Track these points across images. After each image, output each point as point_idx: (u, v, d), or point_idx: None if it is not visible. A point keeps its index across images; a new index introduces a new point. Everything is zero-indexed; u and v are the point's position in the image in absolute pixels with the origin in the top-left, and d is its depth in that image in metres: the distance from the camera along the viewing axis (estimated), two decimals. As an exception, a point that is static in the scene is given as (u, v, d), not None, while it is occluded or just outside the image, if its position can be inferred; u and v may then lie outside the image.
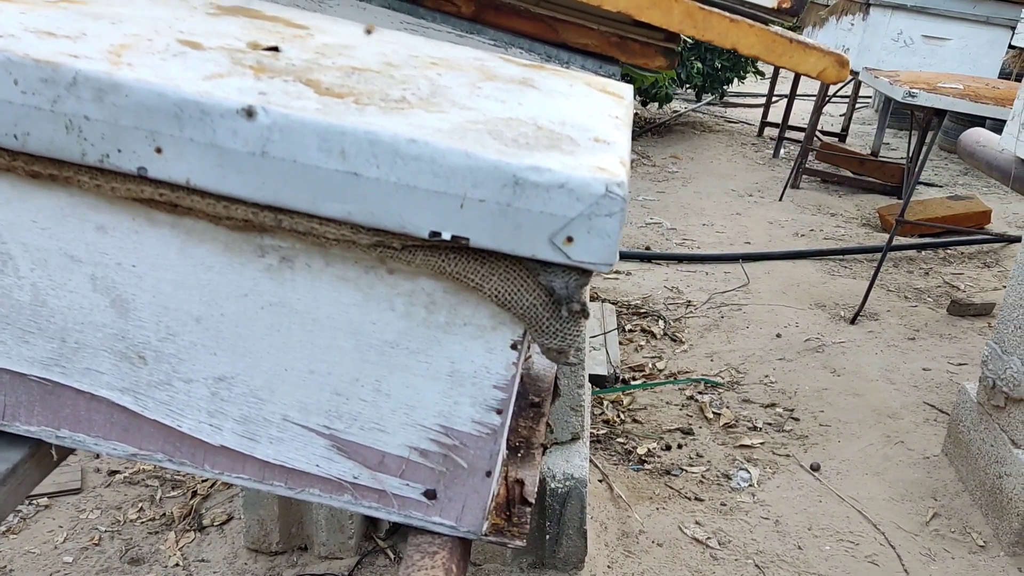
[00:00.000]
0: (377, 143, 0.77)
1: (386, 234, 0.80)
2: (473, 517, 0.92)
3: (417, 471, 0.91)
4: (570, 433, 2.14)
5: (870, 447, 2.81)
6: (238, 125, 0.76)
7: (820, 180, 6.20)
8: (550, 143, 0.84)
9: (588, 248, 0.78)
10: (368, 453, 0.91)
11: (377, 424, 0.90)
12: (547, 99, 1.01)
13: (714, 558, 2.23)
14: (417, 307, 0.85)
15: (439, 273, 0.82)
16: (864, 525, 2.42)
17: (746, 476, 2.59)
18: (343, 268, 0.84)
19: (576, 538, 2.09)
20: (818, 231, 5.05)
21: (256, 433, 0.91)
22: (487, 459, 0.90)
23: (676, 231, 4.81)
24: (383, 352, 0.87)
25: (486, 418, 0.88)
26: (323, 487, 0.93)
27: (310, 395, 0.89)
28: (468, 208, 0.78)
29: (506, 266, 0.81)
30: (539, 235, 0.78)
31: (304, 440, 0.91)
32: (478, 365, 0.86)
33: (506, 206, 0.77)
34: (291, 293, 0.85)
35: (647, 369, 3.22)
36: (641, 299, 3.84)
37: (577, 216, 0.77)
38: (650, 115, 7.91)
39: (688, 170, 6.16)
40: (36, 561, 2.11)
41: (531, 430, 1.13)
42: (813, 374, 3.28)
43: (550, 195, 0.77)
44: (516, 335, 0.85)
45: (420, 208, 0.78)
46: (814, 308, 3.90)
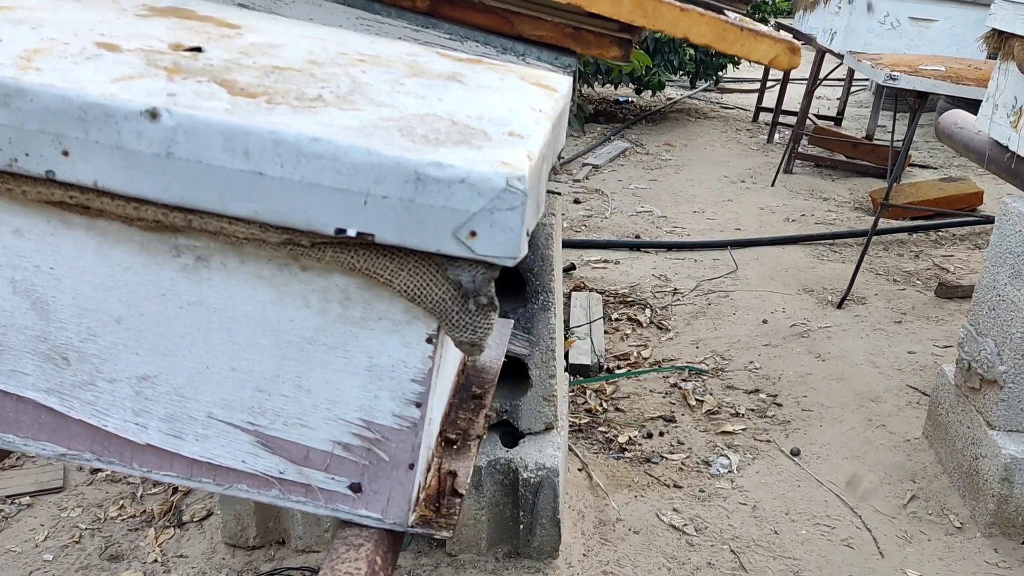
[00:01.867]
0: (281, 142, 0.78)
1: (294, 232, 0.81)
2: (398, 509, 0.93)
3: (342, 465, 0.92)
4: (543, 423, 2.15)
5: (851, 431, 2.82)
6: (142, 127, 0.77)
7: (813, 165, 6.18)
8: (461, 138, 0.85)
9: (492, 242, 0.79)
10: (293, 448, 0.92)
11: (300, 419, 0.91)
12: (471, 94, 1.01)
13: (690, 544, 2.24)
14: (332, 303, 0.86)
15: (349, 269, 0.83)
16: (842, 509, 2.42)
17: (725, 462, 2.60)
18: (258, 266, 0.85)
19: (550, 527, 2.11)
20: (809, 216, 5.04)
21: (181, 431, 0.92)
22: (409, 452, 0.91)
23: (667, 219, 4.81)
24: (301, 348, 0.88)
25: (406, 411, 0.89)
26: (250, 483, 0.94)
27: (233, 392, 0.90)
28: (372, 205, 0.79)
29: (415, 261, 0.82)
30: (443, 230, 0.79)
31: (229, 437, 0.92)
32: (395, 359, 0.87)
33: (409, 202, 0.78)
34: (208, 292, 0.86)
35: (632, 358, 3.23)
36: (628, 288, 3.84)
37: (479, 211, 0.78)
38: (645, 103, 7.89)
39: (681, 157, 6.15)
40: (17, 560, 2.13)
41: (470, 422, 1.14)
42: (798, 359, 3.28)
43: (452, 190, 0.78)
44: (431, 329, 0.86)
45: (325, 206, 0.79)
46: (801, 293, 3.90)
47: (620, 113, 7.51)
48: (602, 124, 7.04)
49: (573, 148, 6.11)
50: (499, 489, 2.11)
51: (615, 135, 6.61)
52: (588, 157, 5.92)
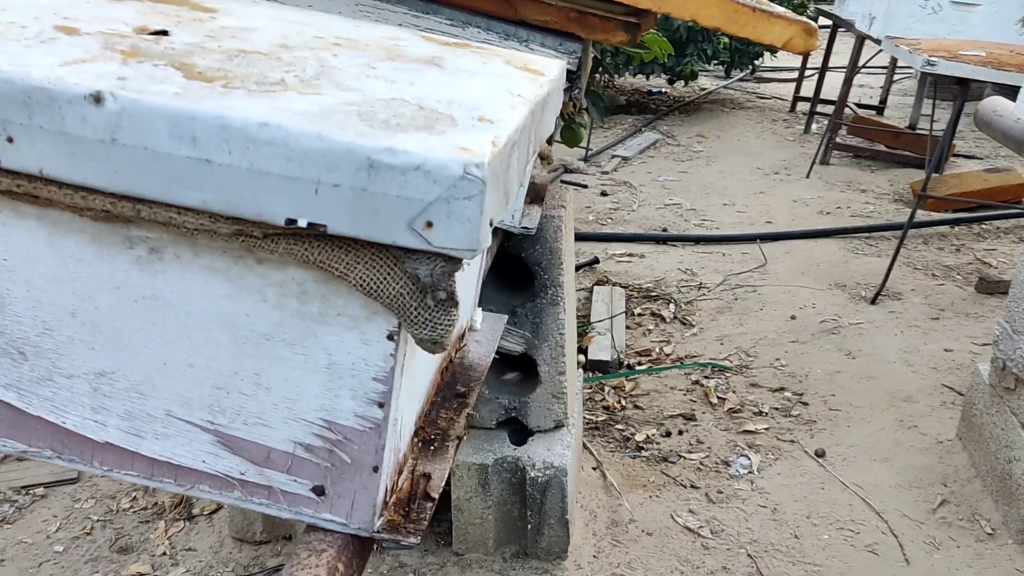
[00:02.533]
0: (228, 128, 0.74)
1: (245, 222, 0.77)
2: (363, 514, 0.89)
3: (304, 467, 0.88)
4: (553, 421, 2.10)
5: (880, 432, 2.73)
6: (86, 111, 0.74)
7: (852, 155, 6.04)
8: (424, 123, 0.80)
9: (449, 233, 0.74)
10: (253, 448, 0.88)
11: (260, 418, 0.87)
12: (447, 78, 0.97)
13: (705, 547, 2.18)
14: (289, 297, 0.82)
15: (303, 262, 0.79)
16: (867, 513, 2.34)
17: (746, 463, 2.53)
18: (212, 259, 0.82)
19: (558, 528, 2.06)
20: (845, 209, 4.92)
21: (141, 429, 0.89)
22: (372, 454, 0.87)
23: (695, 212, 4.72)
24: (259, 344, 0.84)
25: (368, 412, 0.85)
26: (212, 483, 0.90)
27: (191, 389, 0.87)
28: (323, 193, 0.74)
29: (371, 254, 0.78)
30: (398, 220, 0.75)
31: (189, 436, 0.89)
32: (355, 357, 0.83)
33: (361, 191, 0.74)
34: (163, 285, 0.83)
35: (654, 354, 3.16)
36: (653, 282, 3.77)
37: (435, 200, 0.74)
38: (678, 94, 7.77)
39: (713, 149, 6.04)
40: (28, 551, 2.14)
41: (450, 421, 1.09)
42: (827, 357, 3.19)
43: (406, 178, 0.73)
44: (392, 326, 0.82)
45: (275, 195, 0.75)
46: (833, 288, 3.80)
47: (652, 104, 7.40)
48: (633, 115, 6.95)
49: (602, 140, 6.03)
50: (506, 488, 2.07)
51: (646, 126, 6.52)
52: (617, 149, 5.84)
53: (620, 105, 7.20)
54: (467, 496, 2.06)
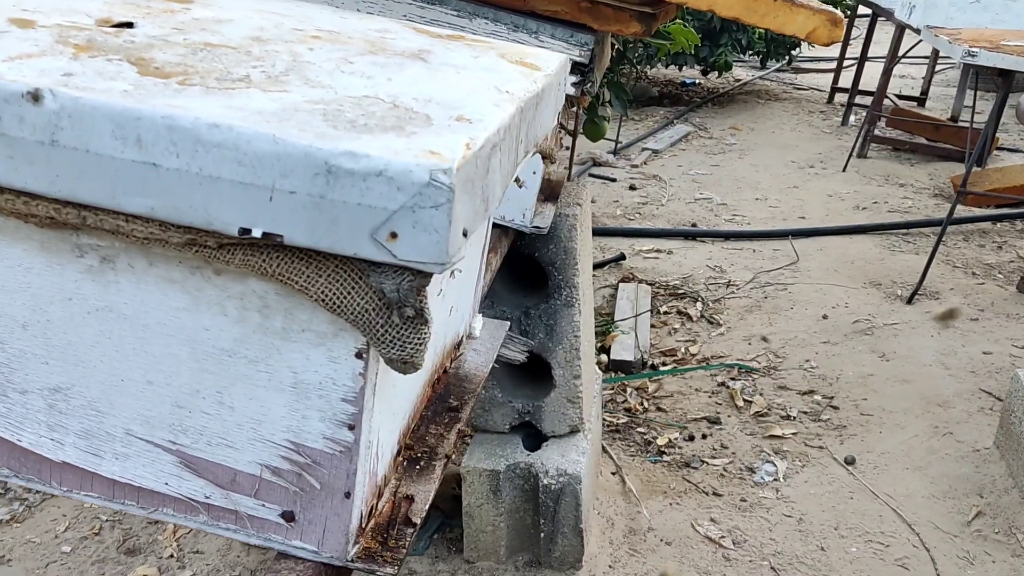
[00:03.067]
0: (176, 129, 0.68)
1: (197, 232, 0.71)
2: (335, 541, 0.83)
3: (272, 491, 0.82)
4: (568, 426, 2.03)
5: (914, 439, 2.62)
6: (24, 111, 0.68)
7: (891, 148, 5.87)
8: (395, 123, 0.74)
9: (415, 245, 0.68)
10: (218, 471, 0.83)
11: (224, 439, 0.81)
12: (430, 74, 0.90)
13: (726, 559, 2.10)
14: (250, 311, 0.76)
15: (262, 274, 0.72)
16: (898, 525, 2.24)
17: (771, 470, 2.44)
18: (167, 269, 0.76)
19: (572, 537, 1.99)
20: (882, 204, 4.77)
21: (100, 448, 0.84)
22: (344, 479, 0.81)
23: (726, 206, 4.61)
24: (221, 361, 0.78)
25: (338, 434, 0.79)
26: (176, 507, 0.85)
27: (151, 407, 0.81)
28: (278, 201, 0.68)
29: (334, 266, 0.72)
30: (359, 231, 0.68)
31: (150, 456, 0.83)
32: (323, 376, 0.77)
33: (319, 198, 0.67)
34: (117, 297, 0.77)
35: (679, 354, 3.08)
36: (681, 279, 3.68)
37: (399, 208, 0.67)
38: (712, 85, 7.63)
39: (747, 141, 5.90)
40: (35, 551, 2.12)
41: (440, 438, 1.03)
42: (859, 358, 3.08)
43: (367, 184, 0.67)
44: (360, 343, 0.76)
45: (226, 202, 0.69)
46: (868, 287, 3.67)
47: (685, 96, 7.27)
48: (665, 107, 6.83)
49: (633, 133, 5.92)
50: (519, 495, 2.00)
51: (678, 119, 6.40)
52: (648, 142, 5.73)
53: (652, 97, 7.08)
54: (478, 503, 2.00)
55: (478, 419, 2.07)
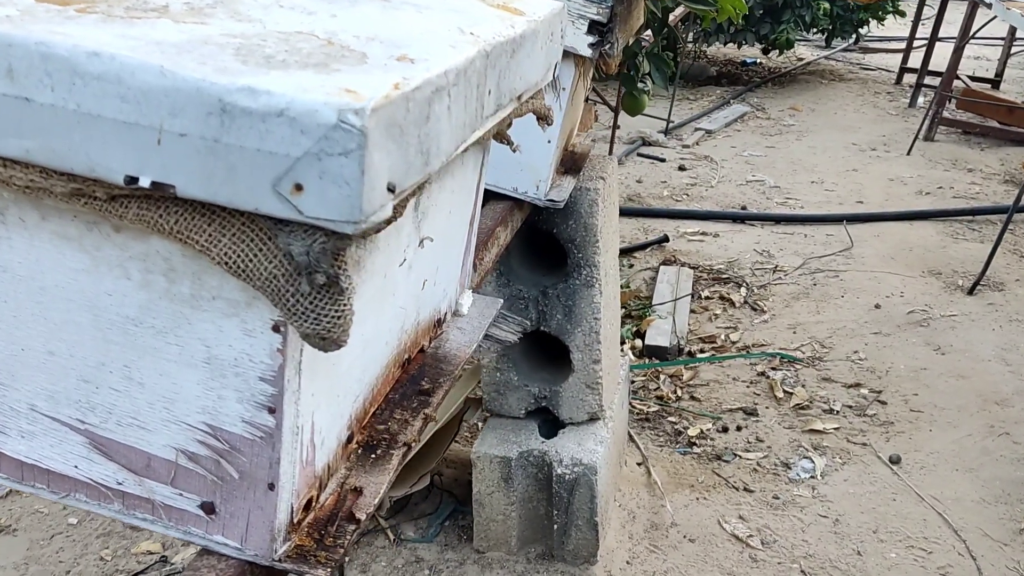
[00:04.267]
0: (50, 57, 0.58)
1: (83, 180, 0.62)
2: (259, 538, 0.74)
3: (189, 479, 0.73)
4: (586, 413, 1.92)
5: (967, 439, 2.44)
6: None
7: (960, 132, 5.58)
8: (320, 61, 0.63)
9: (323, 199, 0.57)
10: (131, 454, 0.74)
11: (135, 419, 0.73)
12: (386, 12, 0.79)
13: (753, 559, 1.97)
14: (155, 275, 0.67)
15: (159, 231, 0.63)
16: (943, 530, 2.08)
17: (809, 466, 2.29)
18: (62, 224, 0.67)
19: (586, 530, 1.88)
20: (947, 189, 4.52)
21: (4, 425, 0.76)
22: (266, 468, 0.71)
23: (779, 189, 4.41)
24: (126, 331, 0.69)
25: (257, 418, 0.70)
26: (88, 493, 0.77)
27: (55, 381, 0.73)
28: (168, 145, 0.58)
29: (239, 224, 0.62)
30: (260, 182, 0.58)
31: (58, 435, 0.75)
32: (237, 351, 0.68)
33: (214, 142, 0.58)
34: (9, 255, 0.69)
35: (718, 341, 2.93)
36: (725, 263, 3.52)
37: (303, 156, 0.57)
38: (773, 65, 7.36)
39: (806, 123, 5.67)
40: (42, 521, 2.09)
41: (403, 424, 0.92)
42: (912, 351, 2.89)
43: (267, 126, 0.56)
44: (277, 314, 0.66)
45: (110, 145, 0.59)
46: (926, 276, 3.47)
47: (744, 76, 7.02)
48: (723, 86, 6.60)
49: (686, 112, 5.73)
50: (531, 484, 1.90)
51: (735, 98, 6.17)
52: (701, 121, 5.53)
53: (709, 76, 6.86)
54: (489, 491, 1.90)
55: (492, 403, 1.97)
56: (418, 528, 2.03)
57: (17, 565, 1.94)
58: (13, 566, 1.94)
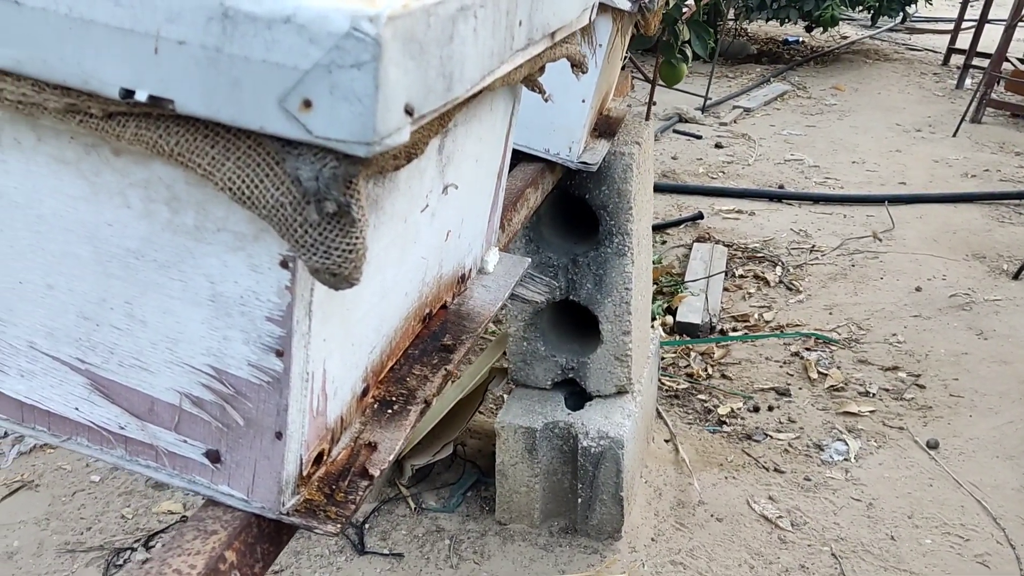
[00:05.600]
0: (42, -44, 0.54)
1: (78, 94, 0.57)
2: (266, 490, 0.70)
3: (194, 425, 0.69)
4: (614, 386, 1.87)
5: (1008, 425, 2.36)
6: None
7: (1009, 114, 5.42)
8: (336, -30, 0.58)
9: (334, 117, 0.52)
10: (133, 397, 0.70)
11: (137, 360, 0.68)
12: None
13: (782, 541, 1.91)
14: (157, 204, 0.62)
15: (159, 153, 0.58)
16: (981, 518, 2.01)
17: (842, 448, 2.22)
18: (59, 147, 0.63)
19: (611, 505, 1.83)
20: (994, 172, 4.39)
21: (3, 363, 0.72)
22: (274, 416, 0.67)
23: (819, 169, 4.30)
24: (128, 265, 0.65)
25: (264, 361, 0.65)
26: (90, 437, 0.73)
27: (54, 317, 0.69)
28: (165, 54, 0.53)
29: (245, 146, 0.57)
30: (265, 97, 0.53)
31: (58, 375, 0.71)
32: (244, 288, 0.63)
33: (216, 52, 0.53)
34: (5, 179, 0.65)
35: (751, 319, 2.86)
36: (761, 242, 3.44)
37: (313, 68, 0.51)
38: (816, 43, 7.19)
39: (849, 103, 5.53)
40: (65, 478, 2.08)
41: (422, 380, 0.88)
42: (953, 335, 2.80)
43: (273, 35, 0.51)
44: (286, 248, 0.61)
45: (104, 54, 0.54)
46: (970, 259, 3.36)
47: (787, 54, 6.87)
48: (763, 65, 6.46)
49: (725, 89, 5.62)
50: (556, 456, 1.86)
51: (775, 77, 6.04)
52: (740, 99, 5.42)
53: (750, 54, 6.72)
54: (512, 461, 1.86)
55: (518, 373, 1.92)
56: (440, 498, 1.99)
57: (38, 520, 1.93)
58: (35, 521, 1.93)
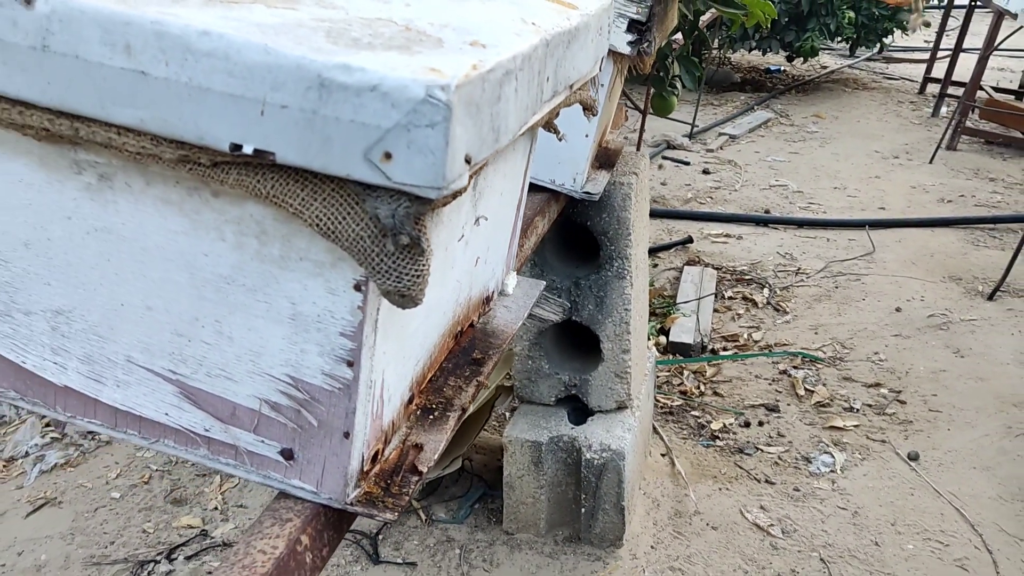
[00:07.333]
0: (165, 36, 0.65)
1: (190, 147, 0.68)
2: (334, 483, 0.80)
3: (271, 427, 0.80)
4: (615, 402, 1.98)
5: (985, 438, 2.48)
6: (17, 14, 0.66)
7: (983, 141, 5.60)
8: (402, 44, 0.70)
9: (410, 167, 0.64)
10: (218, 403, 0.81)
11: (223, 371, 0.79)
12: (454, 2, 0.86)
13: (774, 547, 2.02)
14: (248, 237, 0.73)
15: (256, 196, 0.69)
16: (960, 524, 2.12)
17: (829, 461, 2.34)
18: (165, 189, 0.73)
19: (613, 514, 1.94)
20: (969, 198, 4.55)
21: (101, 375, 0.83)
22: (343, 418, 0.78)
23: (802, 194, 4.46)
24: (219, 289, 0.76)
25: (336, 370, 0.76)
26: (176, 439, 0.83)
27: (151, 334, 0.79)
28: (270, 116, 0.65)
29: (329, 189, 0.68)
30: (352, 150, 0.64)
31: (151, 385, 0.82)
32: (321, 308, 0.74)
33: (312, 113, 0.64)
34: (115, 217, 0.76)
35: (741, 339, 2.98)
36: (748, 265, 3.57)
37: (393, 127, 0.63)
38: (797, 72, 7.39)
39: (829, 130, 5.70)
40: (86, 495, 2.17)
41: (457, 390, 0.99)
42: (931, 353, 2.93)
43: (361, 100, 0.63)
44: (358, 274, 0.72)
45: (217, 115, 0.66)
46: (946, 281, 3.50)
47: (769, 83, 7.07)
48: (747, 93, 6.64)
49: (710, 117, 5.78)
50: (561, 468, 1.96)
51: (759, 104, 6.22)
52: (726, 127, 5.59)
53: (733, 83, 6.91)
54: (519, 474, 1.96)
55: (524, 390, 2.03)
56: (449, 510, 2.09)
57: (64, 535, 2.02)
58: (60, 535, 2.02)
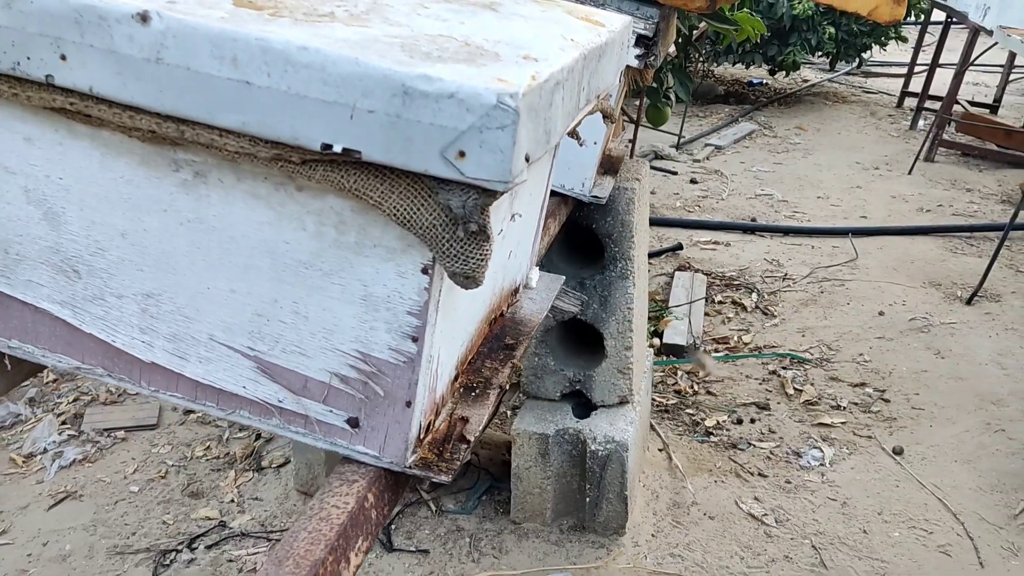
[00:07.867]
0: (269, 50, 0.74)
1: (284, 147, 0.78)
2: (396, 448, 0.90)
3: (339, 398, 0.89)
4: (617, 396, 2.08)
5: (965, 434, 2.60)
6: (134, 30, 0.76)
7: (960, 153, 5.77)
8: (466, 57, 0.80)
9: (481, 164, 0.74)
10: (291, 377, 0.90)
11: (298, 347, 0.88)
12: (500, 21, 0.96)
13: (768, 535, 2.12)
14: (327, 227, 0.83)
15: (340, 189, 0.79)
16: (943, 514, 2.24)
17: (818, 455, 2.45)
18: (254, 184, 0.83)
19: (616, 503, 2.04)
20: (947, 207, 4.70)
21: (185, 352, 0.92)
22: (406, 388, 0.87)
23: (787, 203, 4.59)
24: (298, 273, 0.85)
25: (402, 346, 0.85)
26: (252, 410, 0.92)
27: (233, 315, 0.89)
28: (358, 119, 0.75)
29: (406, 183, 0.78)
30: (430, 149, 0.74)
31: (231, 361, 0.91)
32: (390, 289, 0.84)
33: (396, 117, 0.74)
34: (207, 209, 0.85)
35: (731, 341, 3.09)
36: (737, 271, 3.69)
37: (468, 129, 0.73)
38: (779, 86, 7.56)
39: (812, 142, 5.86)
40: (105, 489, 2.24)
41: (494, 371, 1.09)
42: (913, 355, 3.06)
43: (440, 106, 0.73)
44: (426, 259, 0.82)
45: (311, 119, 0.75)
46: (927, 286, 3.64)
47: (752, 95, 7.23)
48: (731, 105, 6.80)
49: (696, 128, 5.92)
50: (566, 460, 2.06)
51: (743, 116, 6.37)
52: (712, 138, 5.72)
53: (718, 95, 7.06)
54: (527, 465, 2.06)
55: (530, 386, 2.13)
56: (457, 501, 2.18)
57: (86, 526, 2.09)
58: (83, 527, 2.09)
